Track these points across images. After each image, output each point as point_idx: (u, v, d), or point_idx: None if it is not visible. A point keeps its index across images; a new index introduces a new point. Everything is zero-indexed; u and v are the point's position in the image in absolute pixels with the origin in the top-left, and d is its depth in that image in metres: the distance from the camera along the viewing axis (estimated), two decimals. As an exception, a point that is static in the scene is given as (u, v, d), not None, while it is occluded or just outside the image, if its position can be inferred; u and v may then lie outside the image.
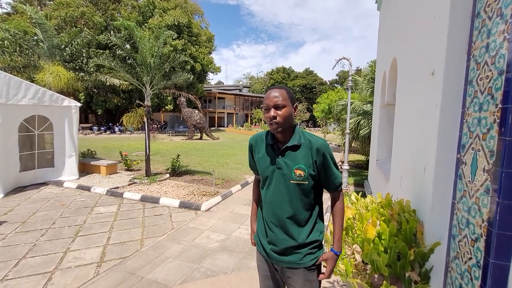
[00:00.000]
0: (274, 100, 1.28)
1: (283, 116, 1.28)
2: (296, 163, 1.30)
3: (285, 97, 1.30)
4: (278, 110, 1.28)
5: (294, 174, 1.29)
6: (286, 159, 1.32)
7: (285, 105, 1.29)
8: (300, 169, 1.29)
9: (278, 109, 1.28)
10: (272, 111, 1.28)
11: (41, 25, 8.23)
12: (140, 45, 6.84)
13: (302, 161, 1.30)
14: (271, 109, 1.28)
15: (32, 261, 3.24)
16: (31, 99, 6.16)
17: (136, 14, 23.95)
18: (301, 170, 1.29)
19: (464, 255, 1.33)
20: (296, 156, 1.31)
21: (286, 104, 1.29)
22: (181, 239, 3.91)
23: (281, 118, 1.28)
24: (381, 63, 5.24)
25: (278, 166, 1.34)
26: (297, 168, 1.29)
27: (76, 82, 8.77)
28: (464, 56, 1.46)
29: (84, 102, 21.72)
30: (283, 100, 1.28)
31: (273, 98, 1.28)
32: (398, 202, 1.84)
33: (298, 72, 55.19)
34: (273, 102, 1.28)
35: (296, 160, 1.30)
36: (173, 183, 7.00)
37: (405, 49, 2.81)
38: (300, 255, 1.34)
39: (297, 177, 1.29)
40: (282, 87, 1.34)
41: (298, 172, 1.29)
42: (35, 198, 5.63)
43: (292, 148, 1.32)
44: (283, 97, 1.29)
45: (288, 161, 1.32)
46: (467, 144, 1.38)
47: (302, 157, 1.30)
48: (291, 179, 1.30)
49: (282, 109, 1.28)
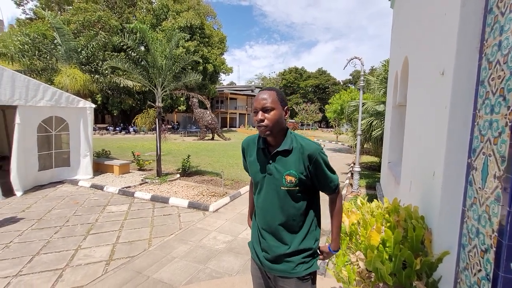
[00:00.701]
0: (262, 103, 1.23)
1: (271, 120, 1.23)
2: (287, 168, 1.25)
3: (274, 99, 1.25)
4: (266, 113, 1.23)
5: (285, 180, 1.25)
6: (277, 164, 1.28)
7: (274, 107, 1.24)
8: (291, 175, 1.24)
9: (266, 112, 1.23)
10: (260, 114, 1.24)
11: (59, 29, 8.55)
12: (152, 47, 6.97)
13: (293, 167, 1.25)
14: (259, 112, 1.24)
15: (45, 257, 3.35)
16: (48, 101, 6.40)
17: (151, 17, 24.50)
18: (292, 176, 1.24)
19: (473, 266, 1.25)
20: (287, 162, 1.26)
21: (275, 106, 1.24)
22: (188, 240, 3.94)
23: (269, 121, 1.23)
24: (394, 62, 5.08)
25: (269, 172, 1.30)
26: (287, 174, 1.25)
27: (91, 84, 9.05)
28: (475, 55, 1.38)
29: (100, 103, 22.46)
30: (271, 103, 1.23)
31: (261, 101, 1.24)
32: (405, 208, 1.76)
33: (310, 72, 54.63)
34: (261, 105, 1.24)
35: (287, 166, 1.26)
36: (183, 183, 7.08)
37: (416, 47, 2.70)
38: (292, 264, 1.29)
39: (288, 183, 1.25)
40: (272, 88, 1.30)
41: (289, 178, 1.24)
42: (51, 196, 5.84)
43: (283, 153, 1.27)
44: (272, 99, 1.24)
45: (278, 167, 1.27)
46: (478, 149, 1.30)
47: (293, 162, 1.25)
48: (281, 186, 1.26)
49: (270, 112, 1.23)
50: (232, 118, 42.06)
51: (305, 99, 49.18)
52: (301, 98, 49.55)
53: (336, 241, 1.42)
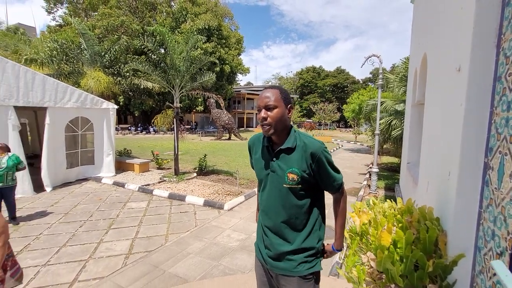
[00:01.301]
0: (265, 101, 1.24)
1: (274, 118, 1.24)
2: (290, 166, 1.26)
3: (278, 97, 1.25)
4: (269, 111, 1.24)
5: (287, 178, 1.26)
6: (280, 162, 1.29)
7: (277, 106, 1.24)
8: (293, 172, 1.25)
9: (269, 110, 1.24)
10: (263, 112, 1.25)
11: (85, 35, 9.05)
12: (171, 50, 7.19)
13: (295, 165, 1.25)
14: (262, 110, 1.26)
15: (70, 249, 3.57)
16: (75, 102, 6.79)
17: (170, 20, 25.20)
18: (294, 174, 1.24)
19: (489, 270, 1.20)
20: (290, 159, 1.27)
21: (278, 105, 1.24)
22: (203, 237, 4.03)
23: (272, 119, 1.24)
24: (413, 59, 4.90)
25: (272, 169, 1.31)
26: (290, 171, 1.25)
27: (114, 86, 9.50)
28: (492, 50, 1.32)
29: (123, 104, 23.42)
30: (274, 101, 1.24)
31: (264, 99, 1.25)
32: (419, 208, 1.71)
33: (328, 71, 53.66)
34: (264, 103, 1.24)
35: (289, 163, 1.26)
36: (200, 182, 7.24)
37: (434, 44, 2.60)
38: (294, 263, 1.29)
39: (290, 181, 1.25)
40: (276, 86, 1.30)
41: (291, 176, 1.25)
42: (77, 192, 6.20)
43: (286, 151, 1.28)
44: (275, 97, 1.25)
45: (281, 164, 1.28)
46: (494, 147, 1.25)
47: (296, 160, 1.25)
48: (284, 183, 1.27)
49: (273, 110, 1.24)
50: (249, 118, 42.27)
51: (322, 98, 48.38)
52: (318, 97, 48.83)
53: (339, 240, 1.42)
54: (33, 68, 8.61)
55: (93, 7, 24.96)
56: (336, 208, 1.40)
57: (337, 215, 1.40)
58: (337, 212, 1.40)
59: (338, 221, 1.40)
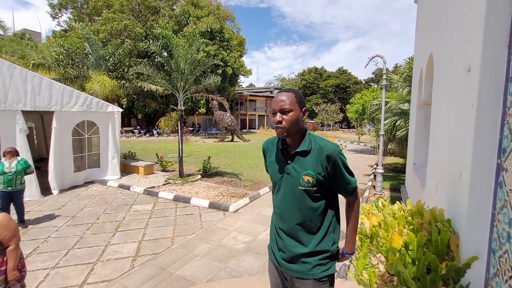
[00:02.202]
0: (280, 104, 1.25)
1: (289, 121, 1.25)
2: (305, 168, 1.26)
3: (293, 101, 1.26)
4: (284, 115, 1.25)
5: (302, 180, 1.26)
6: (295, 164, 1.29)
7: (292, 109, 1.25)
8: (309, 175, 1.25)
9: (284, 114, 1.25)
10: (278, 115, 1.25)
11: (89, 39, 9.15)
12: (175, 53, 7.24)
13: (310, 167, 1.26)
14: (277, 114, 1.26)
15: (78, 252, 3.60)
16: (81, 106, 6.86)
17: (173, 23, 25.36)
18: (310, 176, 1.25)
19: (505, 272, 1.19)
20: (305, 162, 1.27)
21: (292, 108, 1.25)
22: (209, 239, 4.04)
23: (287, 122, 1.25)
24: (418, 59, 4.88)
25: (287, 172, 1.31)
26: (305, 174, 1.26)
27: (118, 89, 9.57)
28: (504, 50, 1.31)
29: (126, 107, 23.58)
30: (289, 104, 1.25)
31: (279, 102, 1.26)
32: (430, 210, 1.69)
33: (330, 71, 53.55)
34: (279, 106, 1.25)
35: (304, 166, 1.27)
36: (204, 184, 7.25)
37: (441, 44, 2.59)
38: (309, 265, 1.29)
39: (305, 183, 1.26)
40: (290, 90, 1.31)
41: (307, 178, 1.25)
42: (83, 195, 6.24)
43: (301, 154, 1.29)
44: (290, 101, 1.26)
45: (296, 167, 1.29)
46: (508, 148, 1.23)
47: (311, 162, 1.26)
48: (299, 185, 1.27)
49: (288, 114, 1.25)
50: (251, 119, 42.30)
51: (325, 99, 48.26)
52: (321, 98, 48.71)
53: (351, 244, 1.41)
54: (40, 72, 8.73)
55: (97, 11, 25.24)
56: (349, 212, 1.40)
57: (350, 218, 1.40)
58: (350, 216, 1.39)
59: (350, 224, 1.40)
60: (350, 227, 1.40)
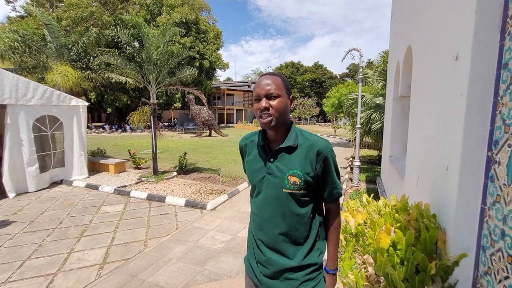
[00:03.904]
0: (266, 89, 1.05)
1: (277, 108, 1.04)
2: (290, 168, 1.07)
3: (280, 85, 1.07)
4: (271, 101, 1.05)
5: (288, 182, 1.07)
6: (279, 163, 1.10)
7: (280, 94, 1.06)
8: (295, 175, 1.06)
9: (270, 99, 1.05)
10: (264, 101, 1.05)
11: (49, 26, 8.28)
12: (146, 42, 6.76)
13: (297, 166, 1.07)
14: (262, 99, 1.06)
15: (36, 262, 3.21)
16: (40, 99, 6.19)
17: (144, 12, 24.06)
18: (296, 176, 1.06)
19: (498, 272, 1.12)
20: (290, 160, 1.08)
21: (280, 93, 1.06)
22: (185, 240, 3.81)
23: (275, 110, 1.04)
24: (394, 52, 4.93)
25: (269, 172, 1.11)
26: (291, 174, 1.06)
27: (84, 81, 8.82)
28: (496, 35, 1.23)
29: (95, 101, 22.14)
30: (277, 89, 1.05)
31: (265, 86, 1.05)
32: (415, 206, 1.63)
33: (307, 66, 54.29)
34: (265, 91, 1.05)
35: (290, 165, 1.08)
36: (180, 181, 6.94)
37: (422, 35, 2.55)
38: (295, 282, 1.10)
39: (291, 185, 1.06)
40: (276, 73, 1.12)
41: (293, 179, 1.06)
42: (44, 197, 5.68)
43: (286, 150, 1.10)
44: (278, 85, 1.06)
45: (280, 166, 1.09)
46: (501, 140, 1.16)
47: (298, 160, 1.07)
48: (283, 188, 1.08)
49: (276, 100, 1.05)
50: (229, 114, 41.81)
51: (302, 93, 48.94)
52: (298, 92, 49.30)
53: (334, 260, 1.21)
54: (-10, 61, 7.79)
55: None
56: (331, 221, 1.20)
57: (331, 229, 1.19)
58: (331, 226, 1.19)
59: (332, 237, 1.19)
60: (332, 241, 1.20)
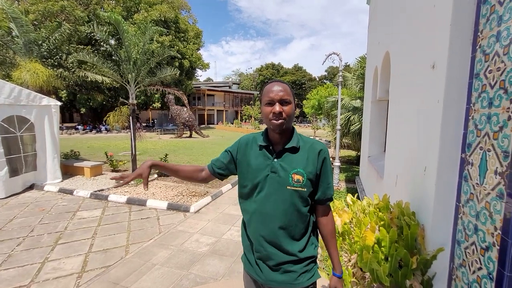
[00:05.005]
0: (280, 94, 1.11)
1: (288, 113, 1.13)
2: (294, 167, 1.14)
3: (290, 92, 1.15)
4: (284, 106, 1.12)
5: (292, 179, 1.13)
6: (283, 162, 1.16)
7: (291, 101, 1.14)
8: (299, 173, 1.13)
9: (283, 105, 1.12)
10: (278, 106, 1.11)
11: (16, 20, 7.73)
12: (126, 40, 6.52)
13: (300, 165, 1.14)
14: (275, 104, 1.12)
15: (5, 274, 2.99)
16: (6, 98, 5.76)
17: (120, 8, 23.13)
18: (300, 175, 1.13)
19: (472, 264, 1.23)
20: (294, 159, 1.16)
21: (291, 100, 1.15)
22: (169, 244, 3.73)
23: (286, 115, 1.12)
24: (372, 58, 5.16)
25: (273, 170, 1.16)
26: (295, 172, 1.13)
27: (56, 80, 8.33)
28: (468, 47, 1.35)
29: (67, 101, 20.97)
30: (288, 96, 1.13)
31: (278, 92, 1.12)
32: (397, 204, 1.73)
33: (287, 68, 55.14)
34: (279, 96, 1.11)
35: (294, 164, 1.15)
36: (161, 183, 6.77)
37: (400, 42, 2.70)
38: (294, 274, 1.17)
39: (295, 183, 1.13)
40: (283, 81, 1.19)
41: (296, 177, 1.13)
42: (12, 204, 5.30)
43: (290, 150, 1.17)
44: (288, 92, 1.14)
45: (284, 165, 1.15)
46: (473, 143, 1.27)
47: (301, 160, 1.15)
48: (287, 185, 1.14)
49: (287, 105, 1.13)
50: (210, 114, 41.37)
51: (283, 95, 49.39)
52: (279, 94, 49.76)
53: (339, 264, 1.25)
54: None
55: (26, -12, 21.71)
56: (328, 225, 1.24)
57: (328, 233, 1.24)
58: (328, 230, 1.24)
59: (332, 241, 1.24)
60: (334, 246, 1.24)
